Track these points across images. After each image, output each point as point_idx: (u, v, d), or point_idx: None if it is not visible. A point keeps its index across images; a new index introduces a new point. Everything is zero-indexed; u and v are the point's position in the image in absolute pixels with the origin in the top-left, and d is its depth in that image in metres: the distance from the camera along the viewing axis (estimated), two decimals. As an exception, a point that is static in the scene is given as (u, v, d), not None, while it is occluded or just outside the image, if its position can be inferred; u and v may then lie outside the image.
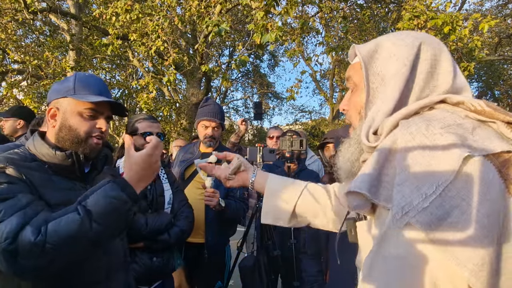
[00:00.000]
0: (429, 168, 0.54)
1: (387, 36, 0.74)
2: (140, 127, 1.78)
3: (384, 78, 0.69)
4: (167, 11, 5.24)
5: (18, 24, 7.86)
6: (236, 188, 2.20)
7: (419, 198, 0.53)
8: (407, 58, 0.68)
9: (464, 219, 0.51)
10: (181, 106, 8.25)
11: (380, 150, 0.62)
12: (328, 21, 7.33)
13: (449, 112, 0.62)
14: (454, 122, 0.58)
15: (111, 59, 9.22)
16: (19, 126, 2.44)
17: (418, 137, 0.57)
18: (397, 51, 0.69)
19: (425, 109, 0.65)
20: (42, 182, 0.97)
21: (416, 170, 0.55)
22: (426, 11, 4.71)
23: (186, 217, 1.83)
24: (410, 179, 0.55)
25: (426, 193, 0.53)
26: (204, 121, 2.22)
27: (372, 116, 0.70)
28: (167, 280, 1.82)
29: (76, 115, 1.05)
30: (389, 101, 0.68)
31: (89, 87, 1.08)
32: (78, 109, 1.05)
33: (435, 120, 0.59)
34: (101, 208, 0.88)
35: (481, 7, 10.57)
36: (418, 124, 0.59)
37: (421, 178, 0.54)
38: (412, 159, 0.56)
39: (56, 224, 0.85)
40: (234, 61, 4.50)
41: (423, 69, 0.68)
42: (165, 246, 1.73)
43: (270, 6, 3.88)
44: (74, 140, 1.05)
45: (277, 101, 17.92)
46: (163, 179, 1.87)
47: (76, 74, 1.11)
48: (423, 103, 0.64)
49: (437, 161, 0.54)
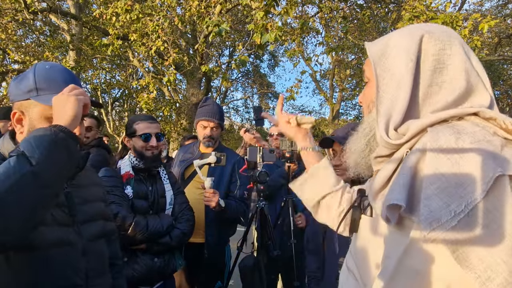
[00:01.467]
0: (459, 185, 0.53)
1: (397, 30, 0.74)
2: (138, 129, 1.77)
3: (394, 73, 0.69)
4: (167, 11, 5.25)
5: (18, 24, 7.86)
6: (236, 188, 2.22)
7: (447, 215, 0.52)
8: (413, 53, 0.67)
9: (492, 240, 0.50)
10: (181, 106, 8.25)
11: (409, 163, 0.61)
12: (328, 21, 7.33)
13: (479, 126, 0.59)
14: (484, 138, 0.56)
15: (111, 59, 9.23)
16: (11, 128, 2.44)
17: (447, 152, 0.56)
18: (403, 45, 0.69)
19: (454, 119, 0.63)
20: None
21: (445, 186, 0.54)
22: (426, 11, 4.71)
23: (187, 219, 1.83)
24: (438, 195, 0.54)
25: (455, 210, 0.52)
26: (203, 121, 2.22)
27: (389, 111, 0.68)
28: (169, 280, 1.82)
29: (44, 121, 0.92)
30: (403, 97, 0.66)
31: (53, 84, 0.93)
32: (45, 114, 0.91)
33: (465, 133, 0.57)
34: (32, 144, 0.75)
35: (481, 7, 10.57)
36: (447, 136, 0.57)
37: (450, 195, 0.53)
38: (442, 174, 0.55)
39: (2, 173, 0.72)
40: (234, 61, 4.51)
41: (428, 66, 0.67)
42: (167, 249, 1.73)
43: (270, 6, 3.89)
44: None
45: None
46: (164, 180, 1.86)
47: (35, 68, 0.95)
48: (453, 113, 0.62)
49: (468, 178, 0.52)
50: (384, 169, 0.68)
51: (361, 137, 0.78)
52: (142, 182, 1.78)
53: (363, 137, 0.78)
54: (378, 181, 0.68)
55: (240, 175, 2.24)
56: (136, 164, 1.77)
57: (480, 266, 0.51)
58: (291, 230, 2.19)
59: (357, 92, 12.38)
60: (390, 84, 0.69)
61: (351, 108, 17.30)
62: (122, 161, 1.82)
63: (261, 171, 2.10)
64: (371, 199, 0.70)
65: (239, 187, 2.22)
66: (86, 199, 1.09)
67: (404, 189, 0.59)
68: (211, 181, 1.95)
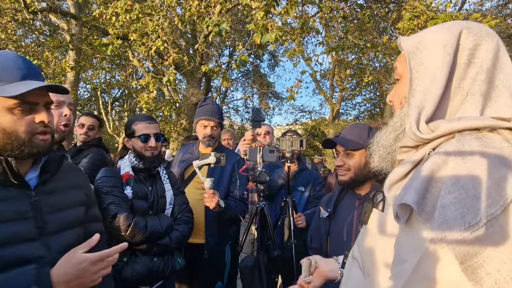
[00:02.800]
0: (477, 198, 0.53)
1: (433, 27, 0.74)
2: (137, 129, 1.77)
3: (428, 66, 0.69)
4: (167, 11, 5.25)
5: (18, 24, 7.85)
6: (236, 189, 2.22)
7: (461, 226, 0.52)
8: (450, 46, 0.67)
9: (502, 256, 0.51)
10: (181, 106, 8.25)
11: (429, 166, 0.61)
12: (328, 21, 7.32)
13: (509, 142, 0.59)
14: (510, 155, 0.56)
15: (111, 59, 9.23)
16: None
17: (470, 164, 0.56)
18: (440, 39, 0.69)
19: (486, 129, 0.62)
20: None
21: (463, 197, 0.54)
22: (426, 11, 4.71)
23: (186, 221, 1.83)
24: (455, 204, 0.54)
25: (469, 222, 0.52)
26: (203, 120, 2.22)
27: (421, 104, 0.68)
28: (168, 280, 1.82)
29: (6, 114, 0.85)
30: (437, 90, 0.66)
31: (7, 73, 0.86)
32: (5, 105, 0.84)
33: (491, 148, 0.57)
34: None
35: (481, 7, 10.56)
36: (473, 147, 0.58)
37: (467, 206, 0.53)
38: (461, 185, 0.55)
39: None
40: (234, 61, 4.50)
41: (464, 60, 0.67)
42: (166, 250, 1.73)
43: (270, 6, 3.88)
44: (15, 144, 0.87)
45: (277, 101, 17.88)
46: (164, 180, 1.86)
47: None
48: (487, 123, 0.61)
49: (487, 193, 0.53)
50: (403, 165, 0.68)
51: (390, 132, 0.78)
52: (142, 182, 1.78)
53: (392, 131, 0.77)
54: (395, 174, 0.68)
55: (240, 175, 2.24)
56: (136, 164, 1.77)
57: (488, 281, 0.51)
58: (291, 230, 2.18)
59: (357, 92, 12.38)
60: (423, 77, 0.69)
61: (351, 108, 17.32)
62: (122, 161, 1.82)
63: (261, 171, 2.10)
64: (385, 189, 0.71)
65: (239, 187, 2.21)
66: (58, 206, 1.00)
67: (418, 192, 0.59)
68: (211, 182, 1.94)
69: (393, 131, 0.77)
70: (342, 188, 1.61)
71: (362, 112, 16.76)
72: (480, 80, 0.66)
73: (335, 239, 1.55)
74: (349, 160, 1.51)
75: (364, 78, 7.46)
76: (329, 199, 1.66)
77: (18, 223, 0.88)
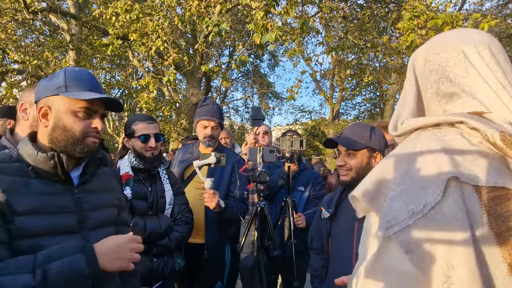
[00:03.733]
0: (422, 187, 0.55)
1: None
2: (136, 130, 1.76)
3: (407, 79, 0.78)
4: (167, 11, 5.25)
5: (18, 24, 7.85)
6: (236, 189, 2.22)
7: (405, 214, 0.54)
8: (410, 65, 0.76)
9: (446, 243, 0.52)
10: (181, 106, 8.25)
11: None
12: (328, 21, 7.32)
13: (462, 136, 0.61)
14: (458, 147, 0.59)
15: (111, 59, 9.23)
16: (10, 126, 2.44)
17: (419, 156, 0.59)
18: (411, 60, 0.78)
19: (445, 125, 0.65)
20: (13, 187, 0.91)
21: (409, 188, 0.57)
22: (426, 11, 4.71)
23: (185, 222, 1.83)
24: (401, 195, 0.56)
25: (413, 210, 0.54)
26: (203, 120, 2.21)
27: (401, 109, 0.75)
28: (168, 280, 1.82)
29: (70, 115, 1.00)
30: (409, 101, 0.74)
31: (81, 84, 1.02)
32: (71, 108, 1.00)
33: (442, 141, 0.60)
34: (60, 278, 0.84)
35: (481, 7, 10.56)
36: (424, 142, 0.61)
37: (412, 196, 0.55)
38: (409, 177, 0.58)
39: (4, 281, 0.79)
40: (234, 61, 4.50)
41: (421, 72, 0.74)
42: (165, 251, 1.73)
43: (270, 6, 3.88)
44: (69, 141, 1.00)
45: (277, 101, 17.90)
46: (164, 180, 1.86)
47: (65, 70, 1.04)
48: (444, 119, 0.65)
49: (430, 181, 0.55)
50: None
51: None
52: (141, 182, 1.77)
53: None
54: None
55: (240, 175, 2.24)
56: (136, 164, 1.77)
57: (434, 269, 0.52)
58: (291, 230, 2.18)
59: (357, 92, 12.37)
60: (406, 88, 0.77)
61: (351, 108, 17.31)
62: (122, 161, 1.81)
63: (261, 171, 2.10)
64: None
65: (239, 187, 2.21)
66: (96, 205, 1.09)
67: (366, 184, 0.63)
68: (211, 182, 1.94)
69: None
70: (343, 188, 1.61)
71: (362, 112, 16.76)
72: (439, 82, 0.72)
73: (337, 239, 1.54)
74: (351, 160, 1.50)
75: (364, 78, 7.45)
76: (330, 199, 1.65)
77: (60, 216, 0.98)
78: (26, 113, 1.39)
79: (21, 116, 1.39)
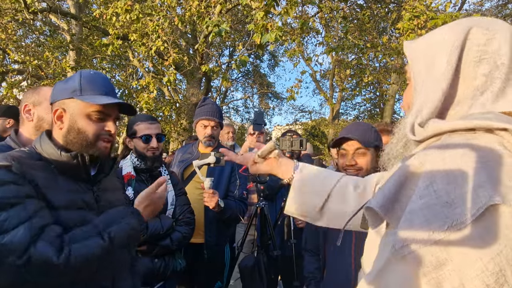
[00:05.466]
0: (449, 205, 0.47)
1: (437, 29, 0.69)
2: (138, 130, 1.77)
3: (431, 70, 0.64)
4: (167, 11, 5.25)
5: (18, 24, 7.86)
6: (236, 188, 2.22)
7: (425, 233, 0.47)
8: (455, 46, 0.61)
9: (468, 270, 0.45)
10: (181, 106, 8.25)
11: (404, 168, 0.57)
12: (328, 21, 7.32)
13: (503, 145, 0.52)
14: (497, 160, 0.49)
15: (111, 59, 9.22)
16: (9, 125, 2.44)
17: (448, 166, 0.51)
18: (444, 40, 0.63)
19: (482, 129, 0.56)
20: (46, 183, 0.95)
21: (433, 203, 0.48)
22: (426, 11, 4.71)
23: (187, 222, 1.83)
24: (423, 210, 0.49)
25: (435, 229, 0.47)
26: (203, 120, 2.22)
27: (420, 107, 0.64)
28: (169, 281, 1.82)
29: (84, 118, 1.03)
30: (436, 93, 0.61)
31: (95, 87, 1.05)
32: (86, 111, 1.03)
33: (477, 151, 0.51)
34: (123, 237, 0.98)
35: (481, 7, 10.56)
36: (456, 149, 0.52)
37: (435, 213, 0.48)
38: (434, 189, 0.49)
39: (81, 247, 0.89)
40: (234, 61, 4.50)
41: (472, 57, 0.61)
42: (167, 251, 1.73)
43: (270, 6, 3.88)
44: (83, 143, 1.04)
45: (277, 101, 17.90)
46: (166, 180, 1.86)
47: (81, 73, 1.07)
48: (481, 123, 0.55)
49: (460, 199, 0.47)
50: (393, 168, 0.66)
51: (397, 141, 0.75)
52: (143, 182, 1.77)
53: (399, 140, 0.74)
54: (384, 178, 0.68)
55: (239, 175, 2.24)
56: (138, 164, 1.77)
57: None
58: (291, 230, 2.19)
59: (357, 92, 12.37)
60: (427, 81, 0.64)
61: (351, 108, 17.31)
62: (124, 161, 1.82)
63: (261, 171, 2.10)
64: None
65: (238, 187, 2.21)
66: (112, 202, 1.15)
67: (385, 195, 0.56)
68: (210, 182, 1.94)
69: (400, 140, 0.74)
70: None
71: (362, 112, 16.75)
72: (494, 77, 0.60)
73: (333, 242, 1.51)
74: (361, 159, 1.47)
75: (364, 78, 7.46)
76: None
77: (86, 212, 1.04)
78: (30, 114, 1.40)
79: (25, 117, 1.39)
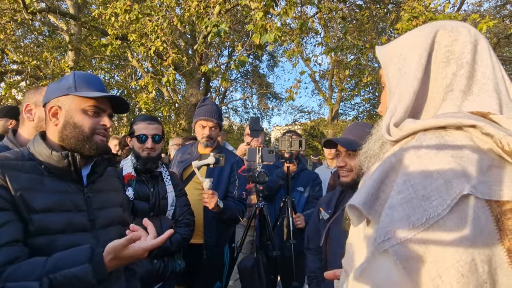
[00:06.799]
0: (426, 198, 0.50)
1: (409, 32, 0.72)
2: (136, 129, 1.76)
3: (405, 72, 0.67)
4: (166, 11, 5.24)
5: (17, 25, 7.84)
6: (235, 189, 2.22)
7: (405, 226, 0.50)
8: (424, 48, 0.64)
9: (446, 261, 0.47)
10: (180, 107, 8.24)
11: (383, 165, 0.59)
12: (327, 22, 7.33)
13: (472, 141, 0.55)
14: (470, 155, 0.52)
15: (110, 59, 9.21)
16: (11, 126, 2.44)
17: (424, 162, 0.53)
18: (415, 42, 0.67)
19: (453, 127, 0.59)
20: (29, 184, 0.94)
21: (411, 197, 0.51)
22: (425, 11, 4.72)
23: (187, 224, 1.83)
24: (402, 205, 0.52)
25: (414, 223, 0.49)
26: (202, 120, 2.22)
27: (394, 108, 0.66)
28: (168, 282, 1.82)
29: (80, 112, 1.05)
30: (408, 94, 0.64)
31: (90, 84, 1.08)
32: (81, 106, 1.05)
33: (450, 147, 0.54)
34: (65, 286, 0.85)
35: (479, 8, 10.58)
36: (430, 146, 0.55)
37: (414, 207, 0.50)
38: (411, 184, 0.52)
39: (13, 287, 0.81)
40: (233, 61, 4.50)
41: (441, 58, 0.64)
42: (166, 252, 1.72)
43: (269, 6, 3.88)
44: (79, 138, 1.04)
45: (276, 101, 17.90)
46: (166, 181, 1.85)
47: (74, 73, 1.10)
48: (452, 121, 0.58)
49: (436, 193, 0.50)
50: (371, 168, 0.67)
51: (375, 141, 0.77)
52: (143, 183, 1.77)
53: (377, 141, 0.76)
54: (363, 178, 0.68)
55: (239, 176, 2.24)
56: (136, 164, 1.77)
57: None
58: (291, 231, 2.19)
59: (356, 92, 12.39)
60: (400, 82, 0.67)
61: (350, 108, 17.31)
62: (125, 161, 1.81)
63: (260, 171, 2.10)
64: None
65: (238, 188, 2.21)
66: (105, 204, 1.13)
67: (367, 192, 0.58)
68: (210, 182, 1.94)
69: (377, 140, 0.76)
70: (342, 189, 1.60)
71: (361, 112, 16.75)
72: (460, 75, 0.63)
73: (336, 241, 1.53)
74: (351, 161, 1.49)
75: (363, 79, 7.47)
76: (329, 200, 1.64)
77: (74, 214, 1.01)
78: (31, 113, 1.39)
79: (26, 117, 1.39)
